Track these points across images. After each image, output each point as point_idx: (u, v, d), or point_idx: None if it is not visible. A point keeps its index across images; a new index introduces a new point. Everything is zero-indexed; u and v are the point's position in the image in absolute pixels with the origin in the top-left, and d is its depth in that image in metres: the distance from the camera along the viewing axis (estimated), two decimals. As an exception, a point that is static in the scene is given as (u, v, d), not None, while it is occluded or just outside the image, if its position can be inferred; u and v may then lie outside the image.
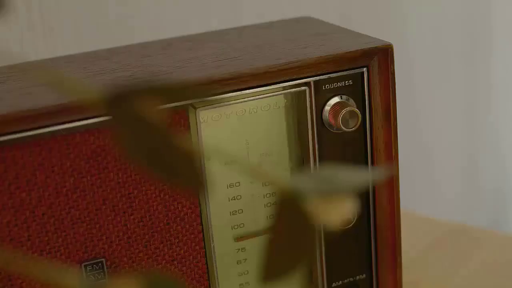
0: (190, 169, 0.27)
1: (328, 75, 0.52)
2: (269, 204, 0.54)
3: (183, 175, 0.27)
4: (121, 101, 0.26)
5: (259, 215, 0.54)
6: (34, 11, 0.75)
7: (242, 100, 0.51)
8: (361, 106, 0.53)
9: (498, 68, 1.17)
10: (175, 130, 0.27)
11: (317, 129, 0.53)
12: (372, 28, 0.95)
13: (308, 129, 0.52)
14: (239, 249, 0.54)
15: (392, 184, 0.55)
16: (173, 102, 0.45)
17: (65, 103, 0.46)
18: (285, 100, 0.53)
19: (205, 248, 0.52)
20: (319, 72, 0.52)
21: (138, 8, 0.82)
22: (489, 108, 1.22)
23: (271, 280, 0.30)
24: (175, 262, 0.52)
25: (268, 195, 0.54)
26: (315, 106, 0.52)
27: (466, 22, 1.10)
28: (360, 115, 0.52)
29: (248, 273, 0.55)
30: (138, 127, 0.26)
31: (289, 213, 0.29)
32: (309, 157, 0.53)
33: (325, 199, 0.29)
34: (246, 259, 0.55)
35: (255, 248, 0.55)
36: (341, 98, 0.53)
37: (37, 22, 0.75)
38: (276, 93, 0.52)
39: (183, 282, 0.51)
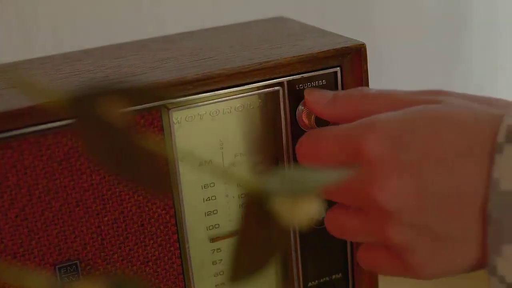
0: (155, 171, 0.27)
1: (302, 75, 0.52)
2: (244, 203, 0.54)
3: (148, 176, 0.27)
4: (85, 104, 0.26)
5: (234, 216, 0.54)
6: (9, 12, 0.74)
7: (216, 100, 0.51)
8: (335, 106, 0.53)
9: (479, 65, 1.18)
10: (139, 132, 0.27)
11: (291, 129, 0.53)
12: (346, 25, 0.95)
13: (282, 129, 0.53)
14: (214, 249, 0.54)
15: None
16: (138, 104, 0.45)
17: (36, 104, 0.46)
18: (259, 100, 0.53)
19: (180, 249, 0.52)
20: (292, 72, 0.52)
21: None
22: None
23: (239, 280, 0.30)
24: (150, 263, 0.52)
25: (243, 195, 0.54)
26: (289, 106, 0.52)
27: (446, 19, 1.10)
28: (333, 115, 0.52)
29: (224, 273, 0.55)
30: (101, 129, 0.26)
31: (256, 214, 0.30)
32: (284, 157, 0.53)
33: (292, 199, 0.29)
34: (221, 259, 0.55)
35: (230, 248, 0.55)
36: (315, 97, 0.53)
37: (13, 23, 0.75)
38: (249, 93, 0.52)
39: (151, 283, 0.51)
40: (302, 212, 0.29)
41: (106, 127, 0.26)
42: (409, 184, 0.46)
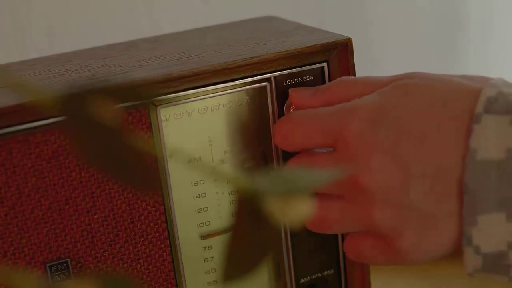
0: (144, 169, 0.27)
1: (289, 70, 0.52)
2: (234, 202, 0.54)
3: (137, 175, 0.27)
4: (74, 102, 0.27)
5: (225, 213, 0.54)
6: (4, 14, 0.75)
7: (203, 97, 0.51)
8: (323, 101, 0.54)
9: (473, 65, 1.18)
10: (129, 130, 0.27)
11: (279, 124, 0.53)
12: (339, 25, 0.95)
13: (270, 124, 0.53)
14: (205, 247, 0.54)
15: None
16: (125, 102, 0.45)
17: (25, 102, 0.46)
18: (247, 97, 0.53)
19: (170, 246, 0.52)
20: (279, 68, 0.52)
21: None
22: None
23: (231, 279, 0.30)
24: (141, 261, 0.52)
25: (233, 193, 0.54)
26: (277, 101, 0.53)
27: (441, 19, 1.10)
28: (320, 109, 0.52)
29: (215, 271, 0.55)
30: (90, 127, 0.26)
31: (248, 213, 0.30)
32: (272, 153, 0.53)
33: (284, 199, 0.29)
34: (213, 257, 0.55)
35: (222, 246, 0.55)
36: (303, 93, 0.53)
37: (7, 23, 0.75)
38: (237, 89, 0.52)
39: (141, 281, 0.51)
40: (294, 211, 0.29)
41: (94, 125, 0.27)
42: (391, 163, 0.46)
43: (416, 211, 0.47)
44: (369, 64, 1.03)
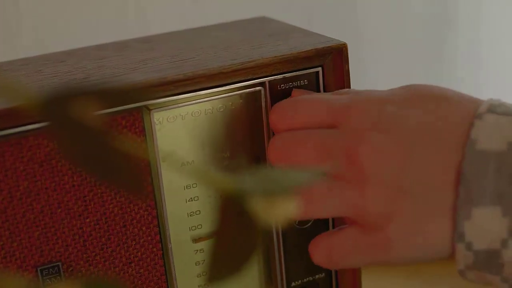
0: (132, 173, 0.27)
1: (283, 75, 0.52)
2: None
3: (126, 179, 0.27)
4: (58, 105, 0.26)
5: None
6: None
7: (197, 101, 0.51)
8: (317, 106, 0.54)
9: (463, 65, 1.18)
10: (116, 133, 0.27)
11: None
12: (330, 26, 0.95)
13: (264, 129, 0.53)
14: (197, 250, 0.54)
15: (349, 183, 0.55)
16: (118, 106, 0.45)
17: (17, 106, 0.46)
18: (241, 101, 0.53)
19: (162, 250, 0.52)
20: (274, 72, 0.52)
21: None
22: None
23: (217, 280, 0.30)
24: (132, 264, 0.52)
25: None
26: (271, 106, 0.52)
27: (431, 19, 1.10)
28: (315, 115, 0.52)
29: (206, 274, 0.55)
30: (75, 130, 0.26)
31: (233, 214, 0.30)
32: (266, 157, 0.53)
33: (269, 199, 0.29)
34: (204, 260, 0.55)
35: (209, 248, 0.55)
36: (297, 97, 0.53)
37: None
38: (231, 93, 0.52)
39: (124, 284, 0.51)
40: (279, 211, 0.29)
41: (81, 129, 0.26)
42: (392, 143, 0.46)
43: (411, 198, 0.46)
44: (359, 64, 1.03)
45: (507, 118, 0.45)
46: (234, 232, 0.30)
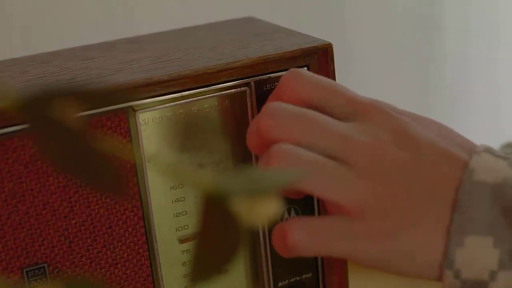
0: (113, 174, 0.27)
1: (269, 75, 0.52)
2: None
3: (105, 179, 0.27)
4: (39, 106, 0.26)
5: (204, 216, 0.54)
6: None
7: (183, 101, 0.51)
8: (303, 106, 0.54)
9: (451, 65, 1.19)
10: (96, 134, 0.27)
11: (259, 129, 0.53)
12: (317, 26, 0.95)
13: (249, 129, 0.53)
14: (183, 250, 0.54)
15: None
16: (102, 107, 0.45)
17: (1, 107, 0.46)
18: (226, 101, 0.53)
19: (149, 251, 0.52)
20: (259, 72, 0.52)
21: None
22: (444, 108, 1.23)
23: (201, 280, 0.30)
24: (119, 266, 0.51)
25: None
26: (256, 106, 0.52)
27: (418, 19, 1.11)
28: (300, 115, 0.52)
29: (193, 274, 0.55)
30: (56, 131, 0.26)
31: (215, 214, 0.30)
32: (252, 157, 0.53)
33: (251, 199, 0.29)
34: (191, 261, 0.55)
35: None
36: (283, 98, 0.53)
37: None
38: (217, 93, 0.52)
39: (108, 285, 0.51)
40: (261, 212, 0.29)
41: (61, 130, 0.26)
42: (403, 137, 0.47)
43: (407, 191, 0.46)
44: (347, 63, 1.03)
45: (502, 159, 0.47)
46: (217, 232, 0.30)
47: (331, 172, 0.46)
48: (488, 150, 0.47)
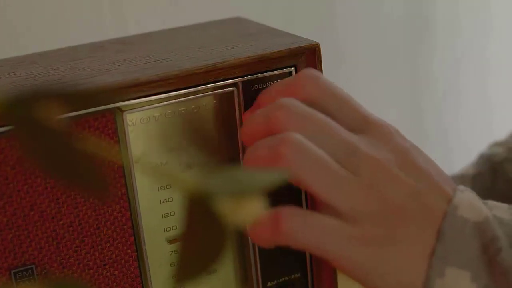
0: (95, 174, 0.27)
1: (256, 75, 0.52)
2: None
3: (88, 180, 0.27)
4: (23, 107, 0.26)
5: (192, 217, 0.54)
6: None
7: (170, 102, 0.51)
8: (291, 106, 0.54)
9: (440, 65, 1.19)
10: (79, 135, 0.27)
11: (247, 129, 0.53)
12: (308, 26, 0.95)
13: (237, 129, 0.53)
14: (172, 251, 0.54)
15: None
16: (88, 108, 0.45)
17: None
18: (214, 101, 0.53)
19: (137, 251, 0.52)
20: (247, 73, 0.52)
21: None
22: (434, 107, 1.24)
23: (185, 281, 0.31)
24: (107, 266, 0.51)
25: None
26: (244, 106, 0.52)
27: (408, 20, 1.11)
28: (288, 115, 0.52)
29: (182, 275, 0.55)
30: (40, 133, 0.26)
31: (199, 214, 0.30)
32: (239, 158, 0.53)
33: (235, 199, 0.29)
34: (176, 261, 0.55)
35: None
36: (270, 98, 0.53)
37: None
38: (204, 94, 0.52)
39: (92, 286, 0.51)
40: (246, 212, 0.29)
41: (45, 131, 0.26)
42: (392, 152, 0.49)
43: (393, 205, 0.47)
44: (336, 59, 1.03)
45: (483, 203, 0.49)
46: (201, 233, 0.30)
47: (337, 176, 0.47)
48: (470, 191, 0.49)
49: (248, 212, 0.29)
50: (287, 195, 0.55)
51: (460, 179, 0.75)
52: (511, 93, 1.30)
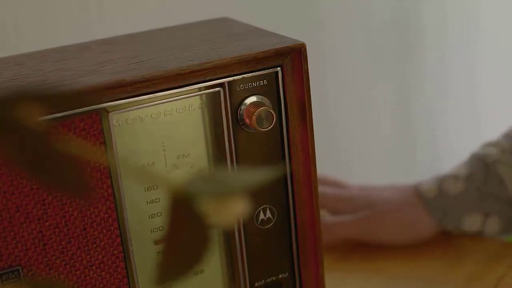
0: (78, 176, 0.27)
1: (242, 75, 0.52)
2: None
3: (71, 182, 0.27)
4: (2, 108, 0.26)
5: (179, 217, 0.54)
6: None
7: (156, 102, 0.51)
8: (277, 105, 0.54)
9: (429, 64, 1.19)
10: (60, 137, 0.27)
11: (233, 129, 0.53)
12: (294, 26, 0.95)
13: (224, 129, 0.53)
14: (159, 252, 0.54)
15: (310, 182, 0.55)
16: (69, 109, 0.45)
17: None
18: (200, 101, 0.53)
19: (124, 252, 0.52)
20: (233, 73, 0.52)
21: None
22: (423, 110, 1.24)
23: (165, 282, 0.30)
24: (94, 268, 0.51)
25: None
26: (231, 106, 0.52)
27: (395, 19, 1.11)
28: (274, 115, 0.52)
29: (169, 275, 0.55)
30: (20, 134, 0.26)
31: (182, 214, 0.30)
32: (226, 157, 0.53)
33: (218, 199, 0.29)
34: (159, 262, 0.55)
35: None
36: (257, 98, 0.53)
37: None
38: (190, 94, 0.52)
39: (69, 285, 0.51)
40: (228, 212, 0.29)
41: (26, 133, 0.26)
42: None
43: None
44: (322, 59, 1.03)
45: None
46: (185, 233, 0.30)
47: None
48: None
49: (231, 212, 0.29)
50: (272, 194, 0.55)
51: (453, 179, 0.75)
52: (499, 96, 1.31)
